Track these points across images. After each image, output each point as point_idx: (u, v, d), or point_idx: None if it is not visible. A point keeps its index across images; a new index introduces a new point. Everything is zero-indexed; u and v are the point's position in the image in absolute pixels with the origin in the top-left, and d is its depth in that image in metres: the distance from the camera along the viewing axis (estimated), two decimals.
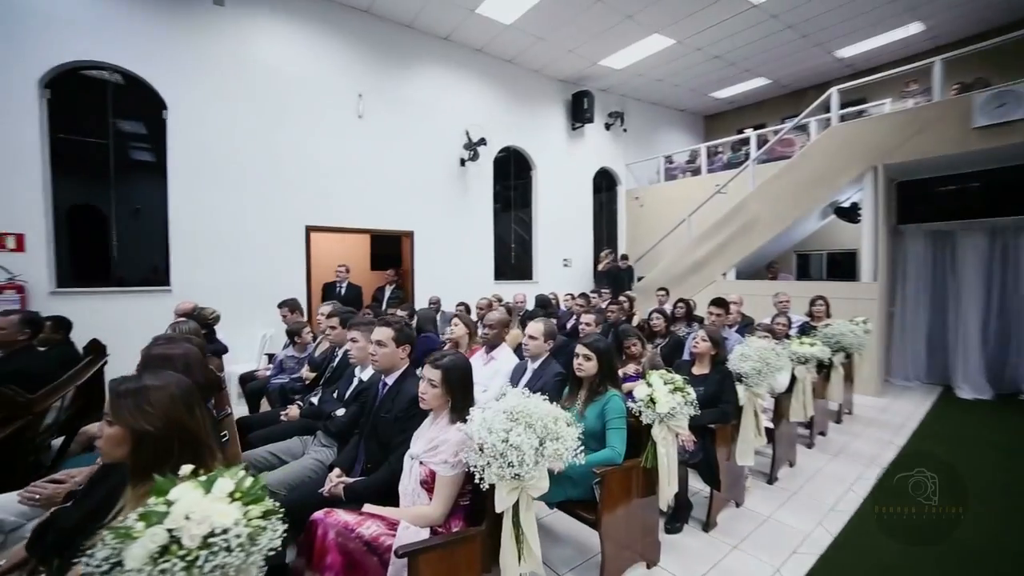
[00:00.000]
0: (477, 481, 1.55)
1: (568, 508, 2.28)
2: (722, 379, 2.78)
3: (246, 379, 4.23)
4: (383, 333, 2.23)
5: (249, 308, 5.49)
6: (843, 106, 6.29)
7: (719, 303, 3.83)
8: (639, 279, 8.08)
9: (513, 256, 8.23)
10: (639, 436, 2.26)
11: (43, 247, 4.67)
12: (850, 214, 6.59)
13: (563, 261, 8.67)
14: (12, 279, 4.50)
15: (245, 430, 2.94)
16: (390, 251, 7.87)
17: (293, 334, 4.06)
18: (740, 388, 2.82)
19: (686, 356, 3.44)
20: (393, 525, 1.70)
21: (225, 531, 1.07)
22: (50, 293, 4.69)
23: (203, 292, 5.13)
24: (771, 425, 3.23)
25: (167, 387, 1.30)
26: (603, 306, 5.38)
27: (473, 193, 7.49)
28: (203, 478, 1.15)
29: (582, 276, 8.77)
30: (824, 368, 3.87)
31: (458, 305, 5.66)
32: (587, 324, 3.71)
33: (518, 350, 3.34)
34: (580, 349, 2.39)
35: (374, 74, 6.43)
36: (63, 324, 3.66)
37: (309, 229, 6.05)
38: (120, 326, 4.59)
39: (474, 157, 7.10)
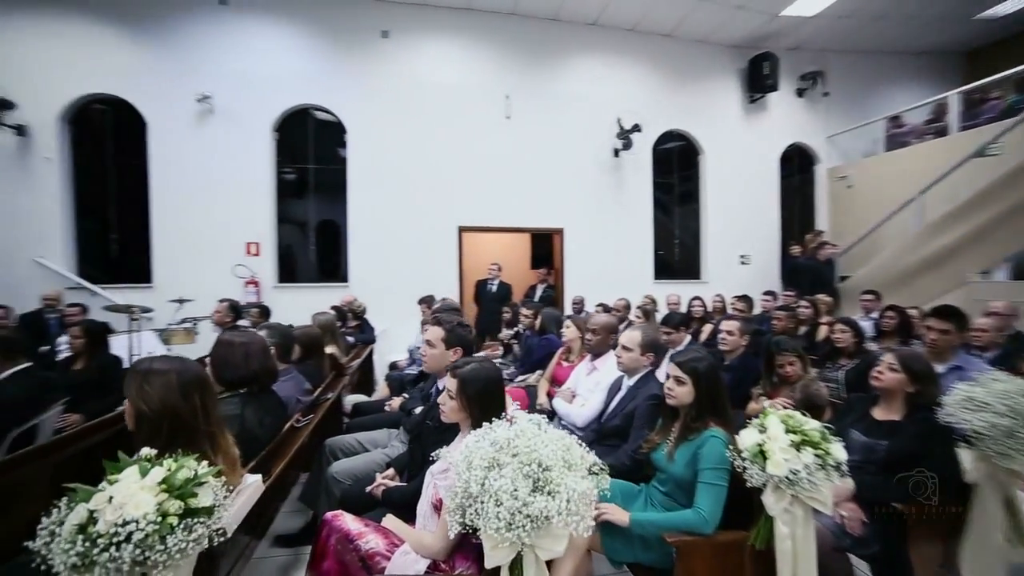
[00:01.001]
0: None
1: (640, 573, 1.75)
2: (924, 433, 1.79)
3: (392, 368, 4.69)
4: (433, 333, 2.08)
5: (409, 302, 6.07)
6: None
7: (946, 313, 2.54)
8: (842, 279, 6.25)
9: (677, 253, 7.32)
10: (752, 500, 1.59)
11: (270, 253, 6.05)
12: None
13: (740, 258, 7.31)
14: (252, 276, 5.95)
15: (357, 415, 3.19)
16: (549, 250, 7.88)
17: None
18: (967, 454, 1.76)
19: None
20: (396, 546, 1.53)
21: (133, 522, 1.03)
22: (273, 287, 6.04)
23: (373, 287, 5.94)
24: None
25: (168, 373, 1.37)
26: (785, 307, 4.21)
27: (629, 185, 6.91)
28: (149, 464, 1.15)
29: (763, 275, 7.23)
30: None
31: (597, 306, 5.26)
32: (728, 334, 2.92)
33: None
34: (671, 369, 1.82)
35: (520, 73, 6.49)
36: (264, 311, 4.62)
37: (461, 230, 6.43)
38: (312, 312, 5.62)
39: (627, 146, 6.53)
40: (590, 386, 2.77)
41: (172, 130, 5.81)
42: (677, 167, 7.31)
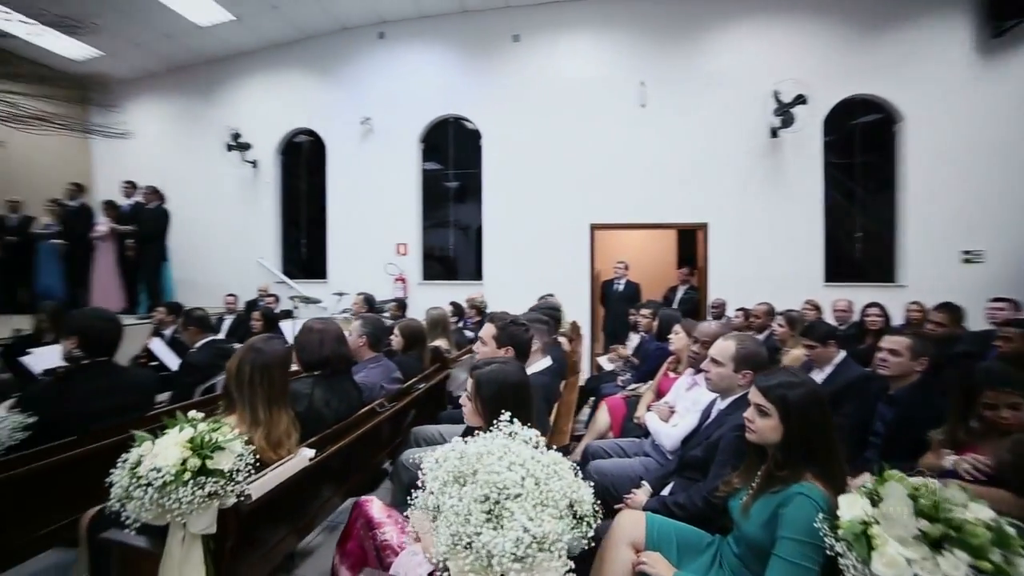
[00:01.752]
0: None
1: None
2: None
3: None
4: (486, 330, 1.99)
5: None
6: None
7: None
8: None
9: (858, 249, 5.85)
10: None
11: (416, 252, 6.75)
12: None
13: (962, 255, 5.46)
14: (400, 274, 6.72)
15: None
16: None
17: None
18: None
19: None
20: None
21: (157, 470, 1.20)
22: (418, 284, 6.72)
23: (506, 285, 6.11)
24: None
25: (245, 349, 1.66)
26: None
27: (790, 170, 5.77)
28: (188, 424, 1.34)
29: (1001, 278, 5.22)
30: None
31: (737, 311, 4.52)
32: (891, 353, 2.16)
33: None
34: (753, 394, 1.40)
35: (654, 57, 5.96)
36: (401, 305, 5.16)
37: (593, 227, 6.21)
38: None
39: (787, 123, 5.44)
40: (687, 404, 2.35)
41: (342, 150, 6.95)
42: (861, 142, 5.80)
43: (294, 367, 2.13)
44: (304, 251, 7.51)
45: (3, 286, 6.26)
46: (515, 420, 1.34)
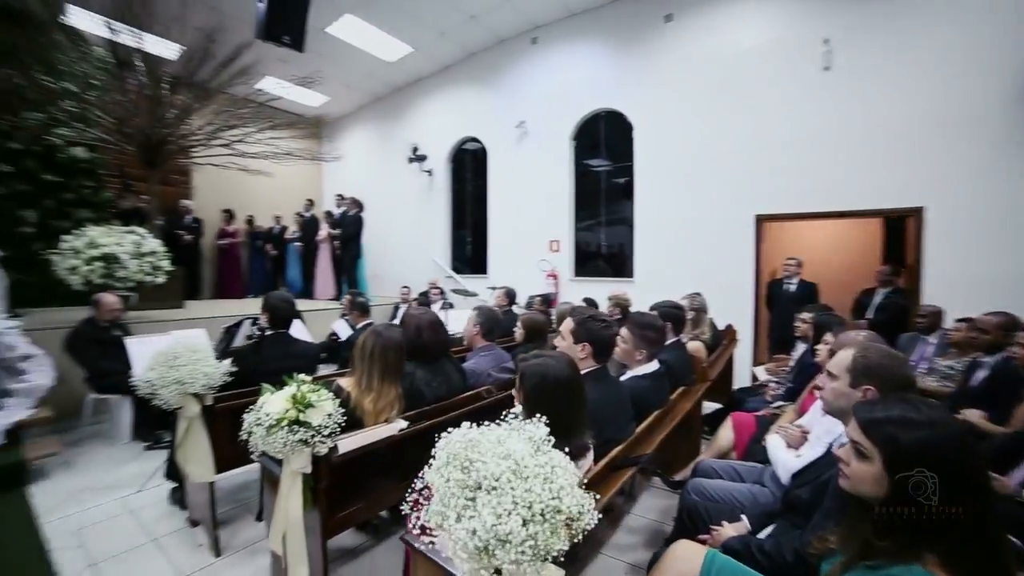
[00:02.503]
0: None
1: None
2: None
3: None
4: (565, 324, 1.94)
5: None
6: None
7: None
8: None
9: None
10: None
11: (568, 249, 6.84)
12: None
13: None
14: (552, 270, 6.91)
15: None
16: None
17: None
18: None
19: None
20: None
21: (268, 415, 1.56)
22: (569, 280, 6.82)
23: (658, 283, 5.69)
24: None
25: (370, 332, 2.09)
26: None
27: None
28: (295, 384, 1.68)
29: None
30: None
31: (958, 321, 3.41)
32: None
33: None
34: (851, 428, 1.08)
35: (843, 9, 4.78)
36: (545, 300, 5.32)
37: (759, 219, 5.39)
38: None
39: None
40: (820, 431, 1.90)
41: (501, 153, 7.45)
42: None
43: None
44: (469, 248, 8.34)
45: (270, 278, 8.58)
46: (552, 415, 1.30)
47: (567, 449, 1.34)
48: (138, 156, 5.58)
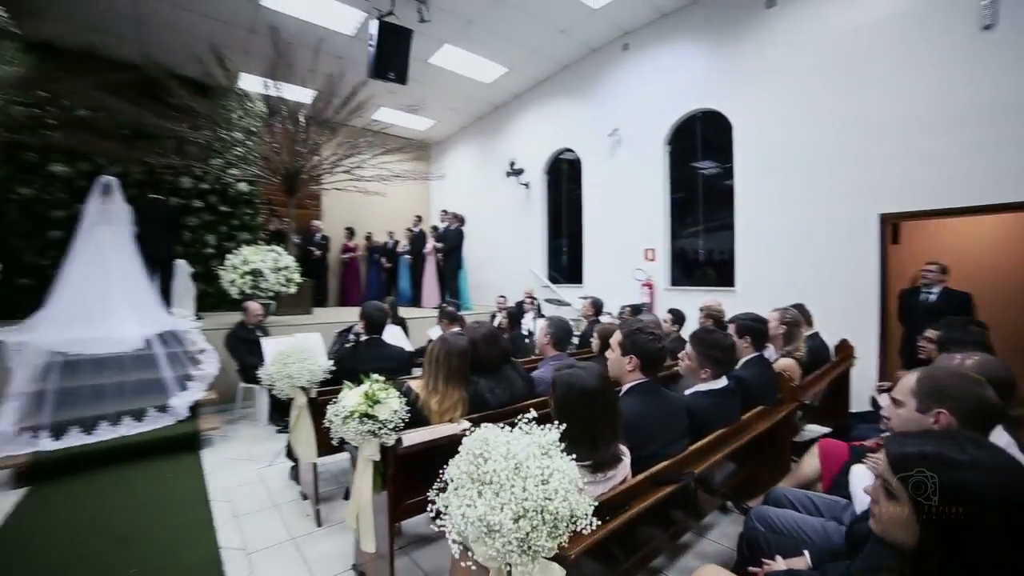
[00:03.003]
0: None
1: None
2: None
3: None
4: (615, 336, 1.94)
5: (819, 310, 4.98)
6: None
7: None
8: None
9: None
10: None
11: (664, 257, 6.59)
12: None
13: None
14: (647, 279, 6.70)
15: None
16: None
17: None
18: None
19: None
20: None
21: (344, 407, 1.84)
22: (665, 289, 6.55)
23: (762, 293, 5.24)
24: None
25: (439, 339, 2.33)
26: None
27: None
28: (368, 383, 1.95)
29: None
30: None
31: None
32: None
33: None
34: (881, 463, 0.98)
35: None
36: (635, 310, 5.22)
37: (885, 218, 4.67)
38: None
39: None
40: None
41: (595, 163, 7.44)
42: None
43: None
44: (565, 258, 8.43)
45: (384, 288, 9.57)
46: (578, 423, 1.37)
47: (592, 460, 1.39)
48: (281, 186, 6.70)
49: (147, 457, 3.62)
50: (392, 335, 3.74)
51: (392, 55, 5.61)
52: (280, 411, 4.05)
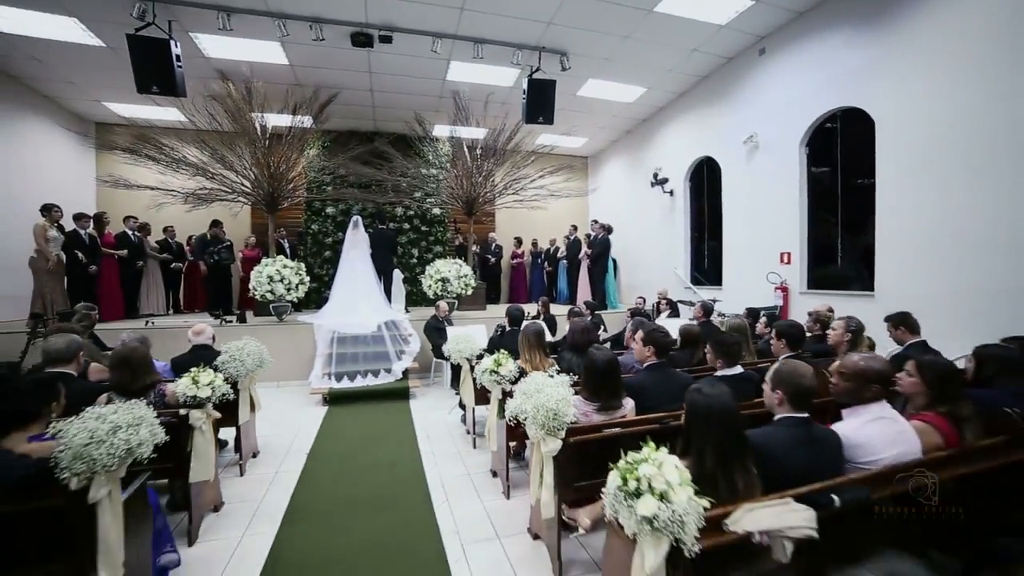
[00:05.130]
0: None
1: None
2: None
3: None
4: (639, 333, 2.83)
5: (946, 324, 4.62)
6: None
7: None
8: None
9: None
10: None
11: (800, 260, 6.51)
12: None
13: None
14: (782, 283, 6.69)
15: None
16: None
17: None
18: None
19: None
20: None
21: (484, 365, 3.21)
22: (800, 293, 6.48)
23: (903, 298, 5.01)
24: None
25: (524, 326, 3.48)
26: None
27: None
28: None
29: None
30: None
31: None
32: None
33: None
34: None
35: None
36: (707, 309, 5.53)
37: None
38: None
39: None
40: None
41: (733, 169, 7.59)
42: None
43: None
44: (707, 261, 8.68)
45: (546, 289, 11.10)
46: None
47: (599, 402, 2.42)
48: (462, 209, 8.75)
49: (381, 399, 5.74)
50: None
51: (540, 104, 6.98)
52: (456, 378, 5.79)
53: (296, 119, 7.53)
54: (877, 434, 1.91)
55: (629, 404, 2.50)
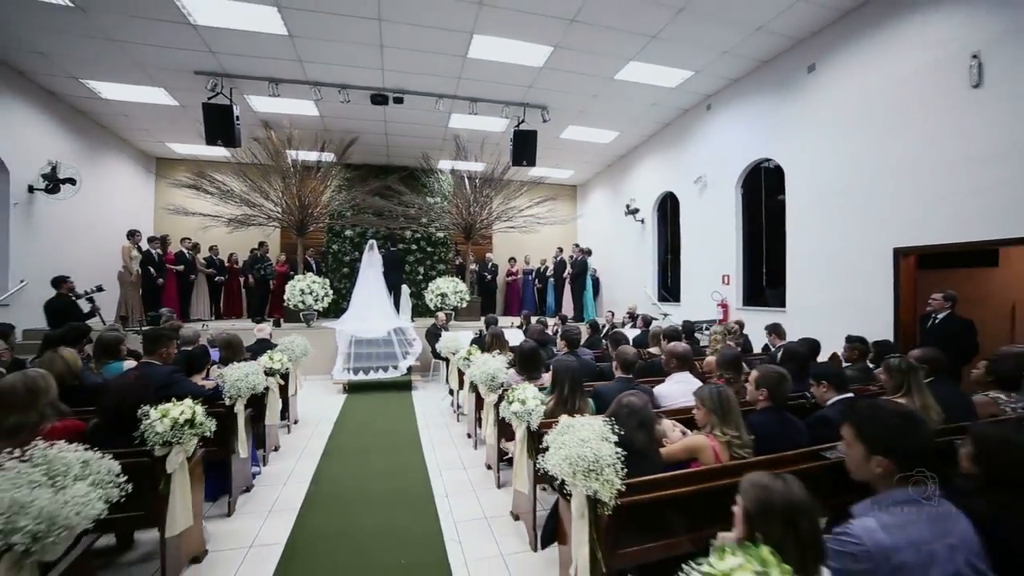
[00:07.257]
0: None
1: None
2: None
3: None
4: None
5: (840, 332, 5.90)
6: None
7: None
8: None
9: None
10: None
11: (736, 282, 7.86)
12: None
13: None
14: (723, 300, 8.02)
15: None
16: None
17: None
18: None
19: None
20: None
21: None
22: (736, 308, 7.81)
23: (808, 313, 6.36)
24: None
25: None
26: None
27: None
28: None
29: None
30: None
31: None
32: None
33: None
34: None
35: (1001, 12, 4.48)
36: (647, 320, 6.88)
37: (898, 253, 5.40)
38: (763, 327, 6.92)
39: None
40: None
41: (688, 203, 9.01)
42: None
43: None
44: (669, 280, 10.05)
45: (536, 303, 12.50)
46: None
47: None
48: (462, 234, 10.23)
49: (389, 389, 7.15)
50: (511, 336, 6.47)
51: (524, 151, 8.47)
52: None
53: (323, 155, 9.12)
54: (677, 391, 3.29)
55: (546, 377, 3.87)
